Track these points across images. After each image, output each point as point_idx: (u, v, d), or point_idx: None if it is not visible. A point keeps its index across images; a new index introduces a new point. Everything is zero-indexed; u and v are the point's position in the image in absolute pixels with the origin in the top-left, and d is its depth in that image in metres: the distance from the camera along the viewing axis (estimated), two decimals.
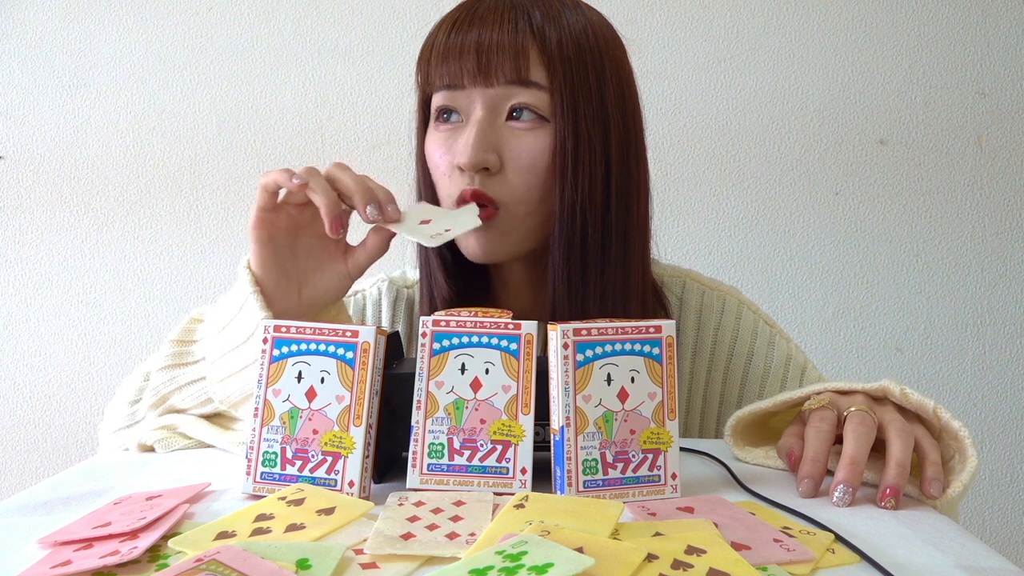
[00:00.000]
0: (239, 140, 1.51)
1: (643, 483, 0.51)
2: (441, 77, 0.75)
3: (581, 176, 0.74)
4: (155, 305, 1.50)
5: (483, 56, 0.73)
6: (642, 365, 0.51)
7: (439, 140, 0.77)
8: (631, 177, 0.77)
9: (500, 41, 0.73)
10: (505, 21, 0.74)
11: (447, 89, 0.75)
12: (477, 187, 0.73)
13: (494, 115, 0.74)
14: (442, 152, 0.76)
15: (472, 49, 0.73)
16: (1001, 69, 1.49)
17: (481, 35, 0.73)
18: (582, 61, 0.75)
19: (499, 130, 0.74)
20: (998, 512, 1.52)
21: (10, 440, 1.52)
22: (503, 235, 0.76)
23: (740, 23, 1.50)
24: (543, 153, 0.74)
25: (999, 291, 1.51)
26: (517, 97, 0.74)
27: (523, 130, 0.74)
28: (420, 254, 0.84)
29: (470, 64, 0.73)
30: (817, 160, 1.50)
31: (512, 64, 0.73)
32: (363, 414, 0.51)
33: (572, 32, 0.75)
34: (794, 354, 0.87)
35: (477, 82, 0.73)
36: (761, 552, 0.41)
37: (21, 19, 1.50)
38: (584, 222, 0.75)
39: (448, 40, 0.74)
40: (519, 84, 0.73)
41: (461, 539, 0.42)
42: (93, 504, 0.51)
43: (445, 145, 0.76)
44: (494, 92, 0.74)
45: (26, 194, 1.51)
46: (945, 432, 0.58)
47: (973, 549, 0.44)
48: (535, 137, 0.74)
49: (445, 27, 0.76)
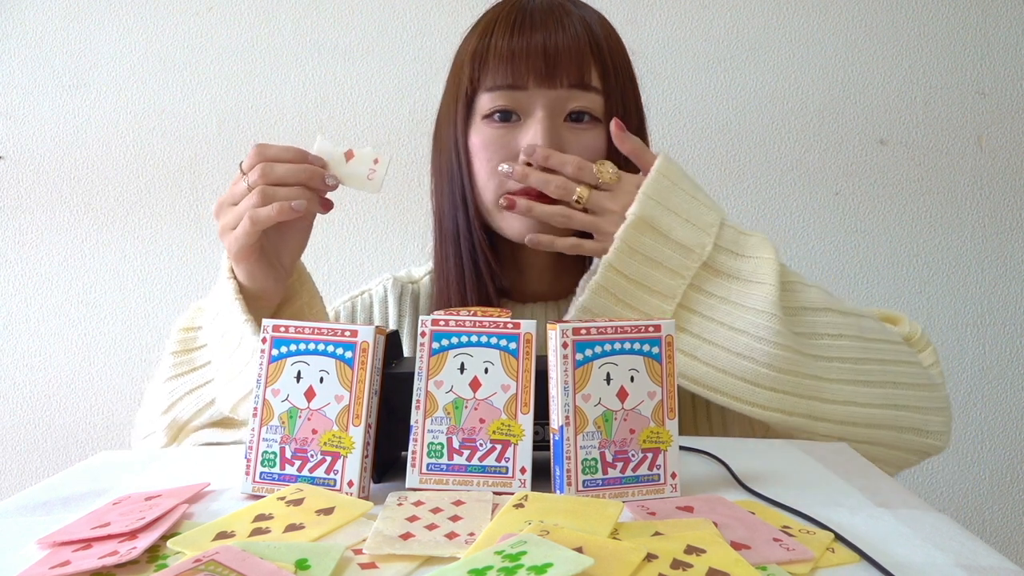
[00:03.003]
0: (239, 140, 1.51)
1: (642, 482, 0.51)
2: (503, 77, 0.77)
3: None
4: (155, 305, 1.50)
5: (550, 59, 0.76)
6: (641, 364, 0.51)
7: (493, 137, 0.78)
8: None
9: (566, 45, 0.76)
10: (565, 25, 0.77)
11: (508, 89, 0.77)
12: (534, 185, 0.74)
13: (556, 115, 0.77)
14: (495, 149, 0.78)
15: (540, 52, 0.76)
16: (1001, 69, 1.49)
17: (547, 39, 0.76)
18: (623, 65, 0.80)
19: (560, 129, 0.78)
20: (998, 512, 1.52)
21: (10, 440, 1.52)
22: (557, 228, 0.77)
23: (740, 23, 1.50)
24: (599, 152, 0.78)
25: (999, 291, 1.51)
26: (578, 101, 0.77)
27: (581, 129, 0.78)
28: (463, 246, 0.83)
29: (537, 66, 0.76)
30: (817, 160, 1.50)
31: (576, 69, 0.76)
32: (362, 414, 0.51)
33: (609, 37, 0.80)
34: None
35: (542, 84, 0.76)
36: (761, 551, 0.41)
37: (21, 19, 1.50)
38: None
39: (511, 41, 0.76)
40: (581, 88, 0.77)
41: (460, 539, 0.42)
42: (92, 504, 0.51)
43: (502, 140, 0.78)
44: (556, 94, 0.77)
45: (26, 194, 1.51)
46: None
47: (973, 548, 0.44)
48: (592, 137, 0.78)
49: (502, 29, 0.78)
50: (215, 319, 0.75)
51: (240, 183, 0.70)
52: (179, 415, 0.77)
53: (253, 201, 0.68)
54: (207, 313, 0.78)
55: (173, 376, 0.78)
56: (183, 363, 0.78)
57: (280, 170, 0.68)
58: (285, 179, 0.68)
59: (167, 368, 0.78)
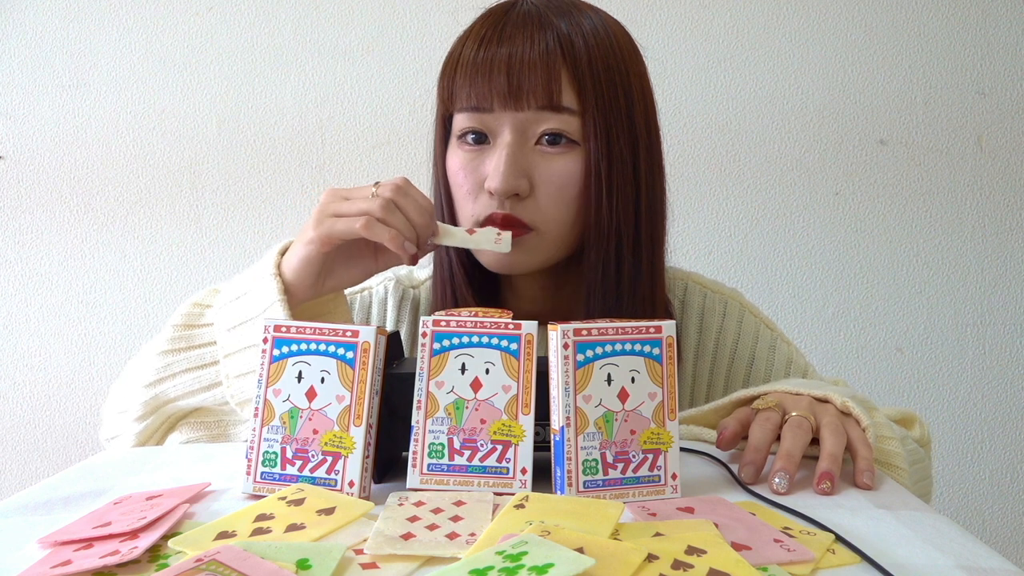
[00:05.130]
0: (239, 140, 1.51)
1: (643, 483, 0.51)
2: (468, 98, 0.72)
3: (616, 198, 0.73)
4: (155, 305, 1.50)
5: (513, 78, 0.70)
6: (642, 365, 0.51)
7: (464, 160, 0.75)
8: (657, 192, 0.78)
9: (531, 61, 0.70)
10: (535, 40, 0.71)
11: (475, 111, 0.73)
12: (508, 212, 0.73)
13: (524, 139, 0.72)
14: (467, 173, 0.75)
15: (502, 69, 0.70)
16: (1001, 69, 1.49)
17: (512, 55, 0.70)
18: (612, 81, 0.73)
19: (529, 155, 0.73)
20: (998, 512, 1.52)
21: (10, 440, 1.52)
22: (531, 253, 0.76)
23: (740, 23, 1.50)
24: (574, 177, 0.73)
25: (999, 291, 1.51)
26: (548, 123, 0.72)
27: (554, 154, 0.73)
28: (442, 263, 0.84)
29: (500, 86, 0.70)
30: (817, 160, 1.50)
31: (544, 89, 0.70)
32: (363, 414, 0.51)
33: (600, 49, 0.73)
34: (795, 357, 0.88)
35: (508, 106, 0.71)
36: (761, 552, 0.41)
37: (21, 19, 1.50)
38: (619, 243, 0.75)
39: (476, 56, 0.72)
40: (550, 109, 0.71)
41: (461, 539, 0.42)
42: (93, 504, 0.51)
43: (470, 166, 0.74)
44: (524, 116, 0.72)
45: (26, 194, 1.51)
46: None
47: (973, 549, 0.44)
48: (566, 161, 0.73)
49: (472, 42, 0.73)
50: (235, 301, 0.73)
51: (367, 188, 0.69)
52: (167, 392, 0.74)
53: (375, 207, 0.67)
54: (224, 295, 0.75)
55: (169, 350, 0.74)
56: (182, 338, 0.74)
57: (410, 204, 0.68)
58: (408, 211, 0.68)
59: (163, 341, 0.75)
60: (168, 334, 0.75)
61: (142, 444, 0.77)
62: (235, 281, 0.75)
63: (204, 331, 0.74)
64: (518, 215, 0.73)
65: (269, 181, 1.51)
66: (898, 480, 0.66)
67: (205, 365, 0.73)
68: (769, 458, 0.58)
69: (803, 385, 0.66)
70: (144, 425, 0.76)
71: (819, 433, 0.60)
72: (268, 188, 1.51)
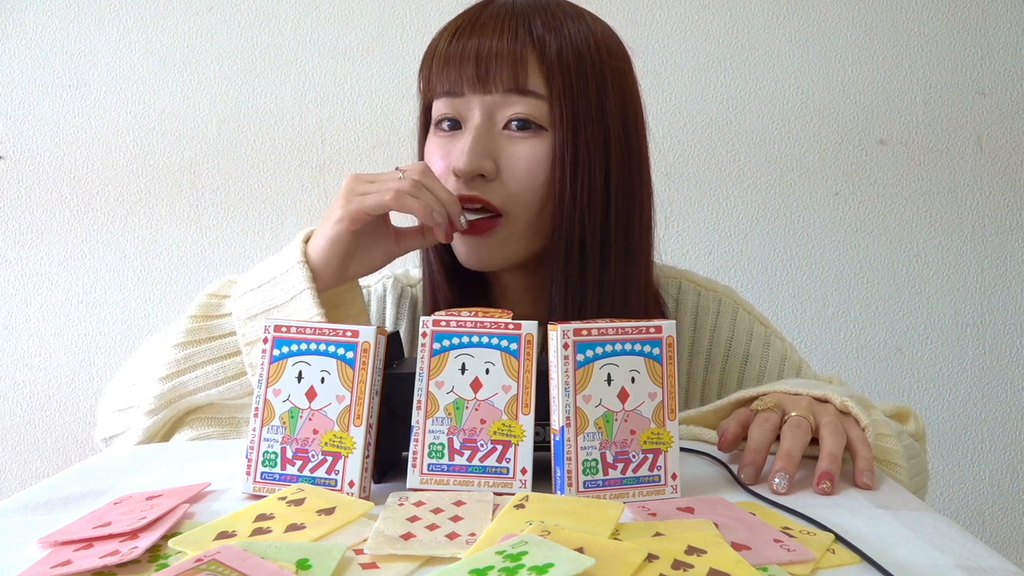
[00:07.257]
0: (239, 140, 1.51)
1: (643, 483, 0.51)
2: (441, 84, 0.76)
3: (580, 187, 0.74)
4: (155, 305, 1.50)
5: (482, 64, 0.73)
6: (642, 365, 0.51)
7: (437, 145, 0.78)
8: (632, 188, 0.77)
9: (499, 49, 0.73)
10: (505, 29, 0.74)
11: (447, 96, 0.76)
12: (474, 192, 0.74)
13: (491, 122, 0.75)
14: (440, 157, 0.77)
15: (472, 57, 0.74)
16: (1001, 69, 1.49)
17: (481, 43, 0.74)
18: (582, 71, 0.74)
19: (496, 137, 0.75)
20: (998, 512, 1.52)
21: (10, 440, 1.52)
22: (502, 244, 0.76)
23: (740, 23, 1.50)
24: (541, 162, 0.74)
25: (999, 291, 1.51)
26: (514, 107, 0.74)
27: (521, 139, 0.75)
28: (423, 257, 0.85)
29: (469, 72, 0.74)
30: (817, 160, 1.50)
31: (510, 72, 0.73)
32: (363, 414, 0.51)
33: (573, 41, 0.75)
34: (789, 354, 0.88)
35: (476, 89, 0.74)
36: (761, 552, 0.41)
37: (21, 19, 1.50)
38: (583, 232, 0.75)
39: (449, 47, 0.75)
40: (516, 92, 0.73)
41: (461, 539, 0.42)
42: (93, 504, 0.51)
43: (443, 150, 0.77)
44: (491, 100, 0.74)
45: (26, 194, 1.50)
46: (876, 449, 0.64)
47: (973, 549, 0.44)
48: (531, 145, 0.74)
49: (447, 34, 0.76)
50: (258, 288, 0.73)
51: (392, 172, 0.72)
52: (186, 384, 0.74)
53: (403, 185, 0.70)
54: (244, 284, 0.75)
55: (188, 342, 0.74)
56: (202, 329, 0.74)
57: (436, 184, 0.72)
58: (436, 191, 0.71)
59: (178, 333, 0.74)
60: (185, 325, 0.75)
61: (149, 440, 0.77)
62: (256, 270, 0.76)
63: (225, 321, 0.74)
64: (486, 197, 0.74)
65: (269, 181, 1.51)
66: (896, 476, 0.66)
67: (229, 355, 0.74)
68: (769, 458, 0.58)
69: (802, 385, 0.66)
70: (156, 419, 0.75)
71: (819, 433, 0.60)
72: (268, 188, 1.51)
